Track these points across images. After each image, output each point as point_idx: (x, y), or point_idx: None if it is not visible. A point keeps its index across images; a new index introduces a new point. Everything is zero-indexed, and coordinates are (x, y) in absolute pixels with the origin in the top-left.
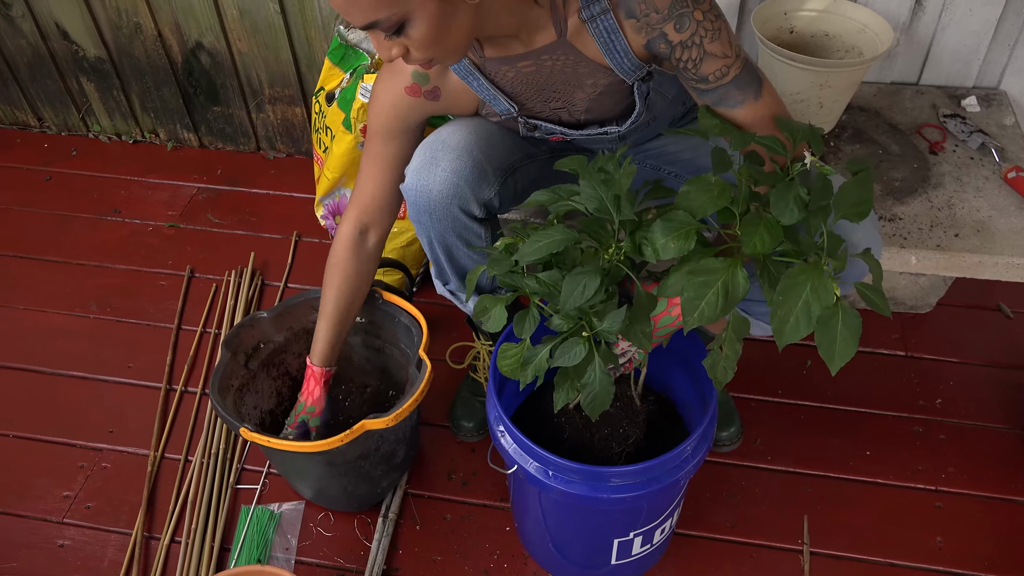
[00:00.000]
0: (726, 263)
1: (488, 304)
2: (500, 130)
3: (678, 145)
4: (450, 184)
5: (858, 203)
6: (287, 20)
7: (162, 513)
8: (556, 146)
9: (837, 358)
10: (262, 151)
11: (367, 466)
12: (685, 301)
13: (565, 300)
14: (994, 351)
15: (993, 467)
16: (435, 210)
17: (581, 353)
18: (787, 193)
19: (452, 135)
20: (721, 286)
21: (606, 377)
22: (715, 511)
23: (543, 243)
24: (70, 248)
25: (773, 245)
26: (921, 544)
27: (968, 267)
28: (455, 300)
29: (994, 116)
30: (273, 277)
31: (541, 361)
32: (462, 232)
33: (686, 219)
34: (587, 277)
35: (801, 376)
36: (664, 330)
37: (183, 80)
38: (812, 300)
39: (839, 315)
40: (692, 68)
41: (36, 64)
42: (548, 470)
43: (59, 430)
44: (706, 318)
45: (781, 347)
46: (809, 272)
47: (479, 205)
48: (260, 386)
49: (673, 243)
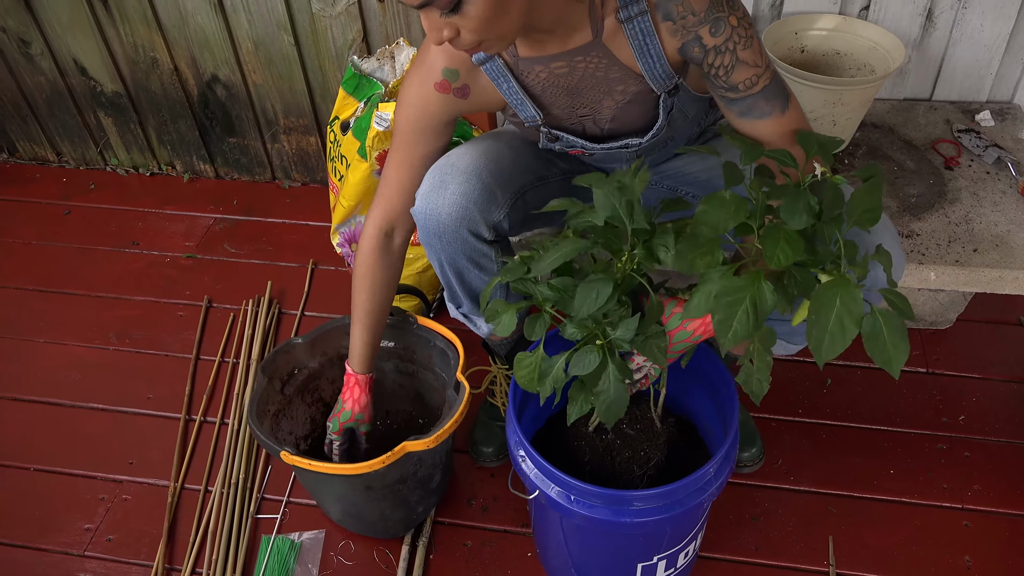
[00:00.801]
0: (750, 279)
1: (500, 308)
2: (511, 152)
3: (695, 166)
4: (459, 207)
5: (868, 209)
6: (301, 51)
7: (183, 544)
8: (570, 167)
9: (895, 363)
10: (277, 181)
11: (405, 490)
12: (717, 323)
13: (579, 307)
14: (1016, 366)
15: (1021, 484)
16: (444, 233)
17: (595, 361)
18: (797, 200)
19: (461, 159)
20: (749, 302)
21: (620, 384)
22: (739, 533)
23: (558, 254)
24: (89, 280)
25: (795, 256)
26: (950, 564)
27: (988, 282)
28: (468, 323)
29: (1009, 130)
30: (290, 306)
31: (558, 372)
32: (472, 255)
33: (709, 234)
34: (600, 284)
35: (821, 395)
36: (679, 345)
37: (199, 112)
38: (844, 314)
39: (880, 323)
40: (723, 75)
41: (55, 100)
42: (570, 495)
43: (80, 462)
44: (740, 337)
45: (821, 365)
46: (837, 287)
47: (488, 228)
48: (295, 412)
49: (699, 260)
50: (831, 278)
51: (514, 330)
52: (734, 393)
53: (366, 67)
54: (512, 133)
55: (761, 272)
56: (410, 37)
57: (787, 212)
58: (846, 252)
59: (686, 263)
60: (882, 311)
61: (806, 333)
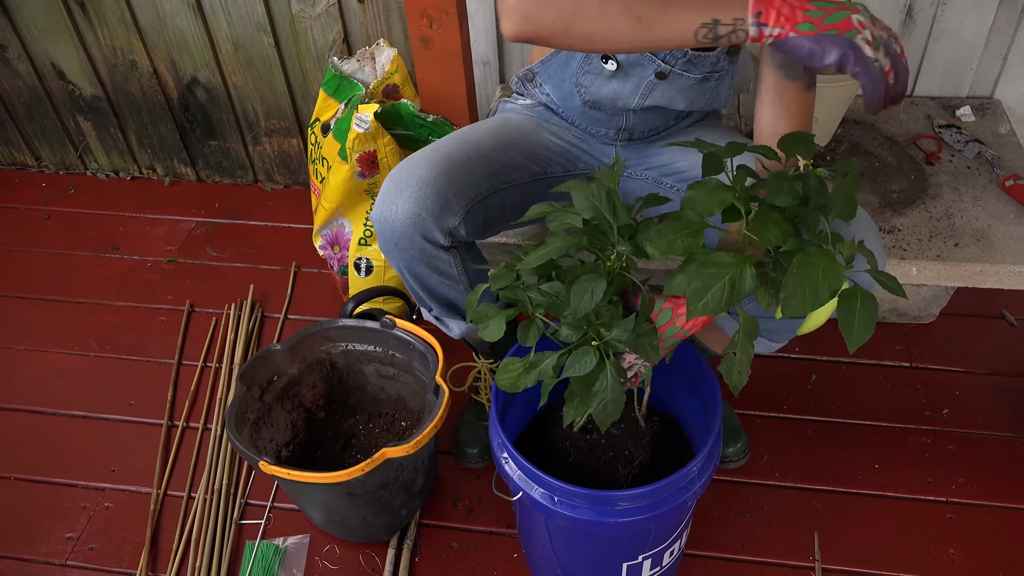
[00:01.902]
0: (736, 259)
1: (488, 313)
2: (475, 156)
3: (683, 162)
4: (412, 214)
5: (846, 202)
6: (281, 53)
7: (166, 552)
8: (542, 169)
9: (856, 337)
10: (259, 183)
11: (387, 496)
12: (691, 291)
13: (575, 307)
14: (999, 359)
15: (1004, 476)
16: (400, 240)
17: (592, 362)
18: (781, 182)
19: (418, 166)
20: (728, 280)
21: (618, 385)
22: (724, 530)
23: (545, 250)
24: (70, 286)
25: (784, 237)
26: (934, 557)
27: (969, 276)
28: (441, 326)
29: (989, 125)
30: (273, 309)
31: (547, 367)
32: (430, 260)
33: (694, 218)
34: (593, 282)
35: (806, 390)
36: (669, 341)
37: (179, 115)
38: (821, 281)
39: (859, 296)
40: None
41: (33, 104)
42: (554, 496)
43: (61, 471)
44: (710, 309)
45: (785, 317)
46: (822, 256)
47: (443, 234)
48: (275, 419)
49: (682, 241)
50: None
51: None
52: (717, 391)
53: (346, 68)
54: (483, 134)
55: (748, 257)
56: (390, 38)
57: (772, 191)
58: (833, 240)
59: (667, 244)
60: (863, 290)
61: (782, 295)
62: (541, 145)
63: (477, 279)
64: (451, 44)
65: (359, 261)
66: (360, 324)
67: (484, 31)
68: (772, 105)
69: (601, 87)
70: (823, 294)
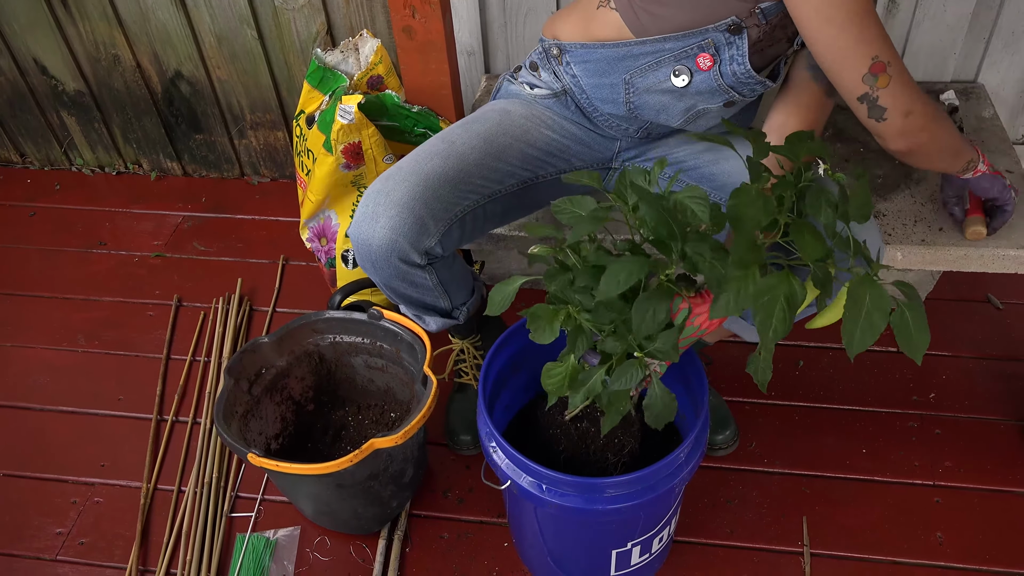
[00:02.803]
0: (779, 277)
1: (541, 314)
2: (458, 168)
3: (683, 151)
4: (388, 240)
5: (861, 206)
6: (265, 45)
7: (156, 545)
8: (532, 175)
9: (920, 350)
10: (246, 176)
11: (377, 486)
12: (759, 324)
13: (637, 327)
14: (985, 342)
15: (990, 459)
16: (376, 261)
17: (638, 376)
18: (819, 196)
19: (397, 188)
20: (784, 300)
21: (667, 395)
22: (714, 517)
23: (623, 275)
24: (57, 283)
25: (823, 250)
26: (922, 540)
27: (954, 260)
28: (419, 322)
29: (973, 109)
30: (261, 302)
31: (596, 384)
32: (406, 277)
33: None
34: (656, 303)
35: (794, 376)
36: (687, 340)
37: (164, 110)
38: (874, 310)
39: (907, 315)
40: None
41: (16, 100)
42: (542, 484)
43: (51, 466)
44: (779, 334)
45: (852, 357)
46: (865, 285)
47: (420, 254)
48: (264, 412)
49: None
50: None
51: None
52: (704, 378)
53: (330, 60)
54: (472, 139)
55: (788, 270)
56: (374, 29)
57: (812, 207)
58: (855, 249)
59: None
60: (906, 304)
61: (841, 331)
62: (535, 147)
63: (451, 284)
64: (434, 34)
65: (346, 253)
66: (348, 316)
67: (468, 21)
68: (789, 101)
69: (654, 96)
70: (878, 323)
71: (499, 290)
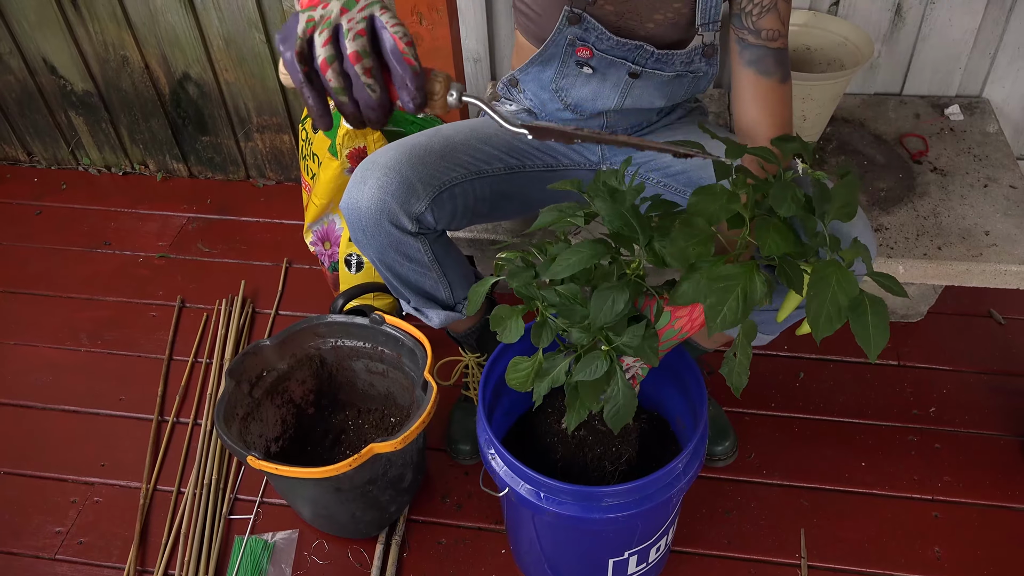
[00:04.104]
0: (744, 268)
1: (505, 314)
2: (442, 146)
3: (665, 156)
4: (376, 199)
5: (845, 204)
6: (273, 49)
7: (155, 546)
8: (519, 162)
9: (874, 346)
10: (251, 179)
11: (375, 491)
12: (708, 308)
13: (595, 316)
14: (986, 358)
15: (989, 474)
16: (367, 226)
17: (602, 368)
18: (784, 190)
19: (384, 155)
20: (740, 291)
21: (629, 390)
22: (711, 528)
23: (574, 259)
24: (61, 281)
25: (787, 246)
26: (919, 555)
27: (956, 275)
28: (421, 317)
29: (977, 124)
30: (264, 305)
31: (559, 373)
32: (399, 247)
33: (703, 226)
34: (615, 292)
35: (794, 388)
36: (667, 344)
37: (171, 111)
38: (839, 292)
39: (867, 304)
40: (755, 14)
41: (25, 100)
42: (540, 492)
43: (51, 465)
44: (728, 323)
45: (819, 340)
46: (832, 267)
47: (410, 219)
48: (264, 414)
49: (693, 249)
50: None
51: (478, 317)
52: (703, 388)
53: None
54: (454, 130)
55: (754, 263)
56: None
57: (775, 200)
58: (831, 245)
59: (679, 252)
60: (870, 296)
61: (805, 311)
62: (522, 139)
63: (449, 267)
64: (441, 41)
65: (350, 257)
66: (349, 320)
67: (475, 28)
68: (751, 104)
69: (580, 89)
70: (844, 307)
71: (474, 291)
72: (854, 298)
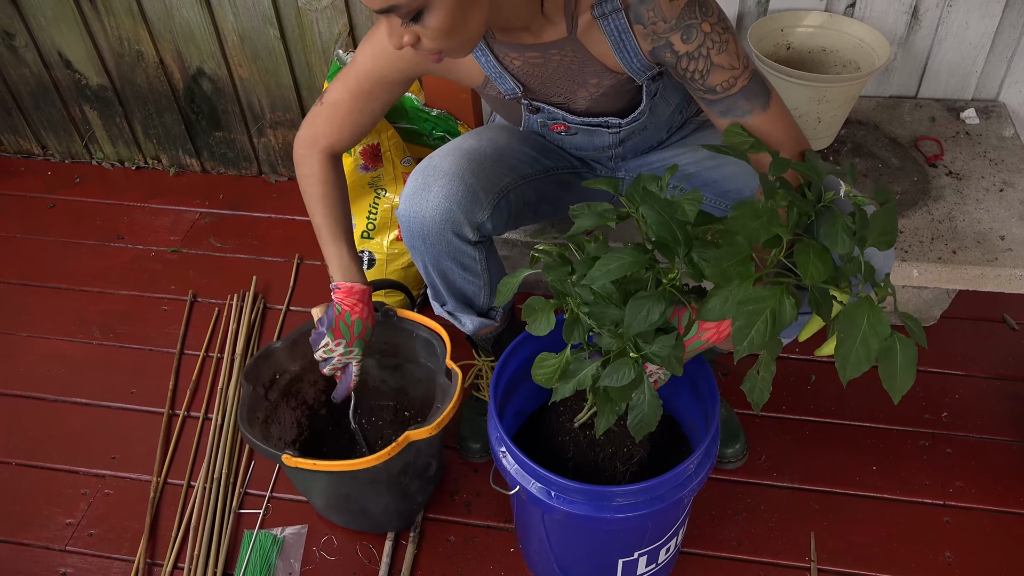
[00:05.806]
0: (774, 291)
1: (537, 306)
2: (494, 151)
3: (683, 158)
4: (443, 209)
5: (884, 232)
6: (287, 45)
7: (165, 539)
8: (555, 164)
9: (900, 388)
10: (264, 175)
11: (406, 481)
12: (736, 330)
13: (629, 324)
14: (1000, 363)
15: (1002, 480)
16: (429, 235)
17: (631, 375)
18: (836, 222)
19: (444, 160)
20: (770, 314)
21: (655, 399)
22: (721, 529)
23: (614, 265)
24: (73, 275)
25: (827, 273)
26: (930, 560)
27: (970, 279)
28: (454, 320)
29: (993, 128)
30: (275, 300)
31: (586, 377)
32: (456, 256)
33: (743, 245)
34: (651, 303)
35: (806, 391)
36: (692, 353)
37: (185, 106)
38: (870, 334)
39: (897, 347)
40: (699, 79)
41: (39, 93)
42: (550, 490)
43: (62, 457)
44: (755, 346)
45: (845, 383)
46: (864, 307)
47: (473, 229)
48: (282, 417)
49: (734, 269)
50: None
51: (503, 323)
52: (716, 391)
53: None
54: (494, 131)
55: (784, 286)
56: None
57: (828, 236)
58: (866, 274)
59: (719, 272)
60: (901, 337)
61: (834, 352)
62: (553, 141)
63: (494, 274)
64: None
65: (361, 254)
66: None
67: None
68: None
69: (576, 139)
70: (874, 349)
71: (505, 282)
72: (884, 339)
